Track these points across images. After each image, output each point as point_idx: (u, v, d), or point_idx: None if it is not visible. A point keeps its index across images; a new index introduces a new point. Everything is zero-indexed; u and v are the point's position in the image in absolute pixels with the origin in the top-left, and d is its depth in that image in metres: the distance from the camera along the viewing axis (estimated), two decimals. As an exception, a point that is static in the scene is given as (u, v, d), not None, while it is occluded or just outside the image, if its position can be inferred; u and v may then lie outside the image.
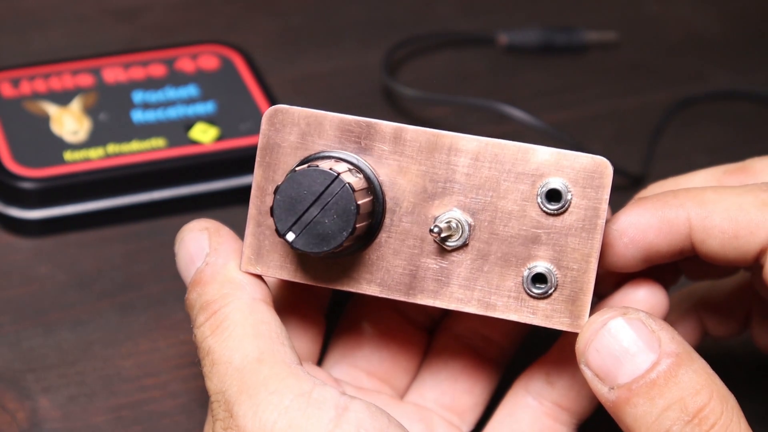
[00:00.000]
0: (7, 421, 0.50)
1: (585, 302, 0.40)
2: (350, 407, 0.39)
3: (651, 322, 0.39)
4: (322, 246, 0.39)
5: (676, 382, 0.38)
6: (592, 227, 0.40)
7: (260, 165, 0.42)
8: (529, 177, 0.40)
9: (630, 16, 0.77)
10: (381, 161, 0.41)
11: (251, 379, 0.40)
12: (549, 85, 0.71)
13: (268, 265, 0.42)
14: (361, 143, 0.41)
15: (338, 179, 0.39)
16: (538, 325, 0.41)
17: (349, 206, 0.38)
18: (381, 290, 0.41)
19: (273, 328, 0.41)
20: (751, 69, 0.73)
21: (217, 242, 0.43)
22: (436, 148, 0.41)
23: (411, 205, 0.41)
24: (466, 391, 0.47)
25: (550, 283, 0.40)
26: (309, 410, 0.39)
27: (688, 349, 0.39)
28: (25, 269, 0.57)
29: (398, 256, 0.41)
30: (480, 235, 0.41)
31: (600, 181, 0.40)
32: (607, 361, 0.39)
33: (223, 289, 0.42)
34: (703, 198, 0.42)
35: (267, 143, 0.41)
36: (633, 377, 0.38)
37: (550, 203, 0.40)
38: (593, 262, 0.40)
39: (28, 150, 0.60)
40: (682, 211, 0.42)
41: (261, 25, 0.74)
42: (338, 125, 0.41)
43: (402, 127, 0.41)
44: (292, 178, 0.39)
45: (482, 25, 0.75)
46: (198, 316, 0.42)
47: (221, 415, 0.40)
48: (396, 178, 0.41)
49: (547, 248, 0.40)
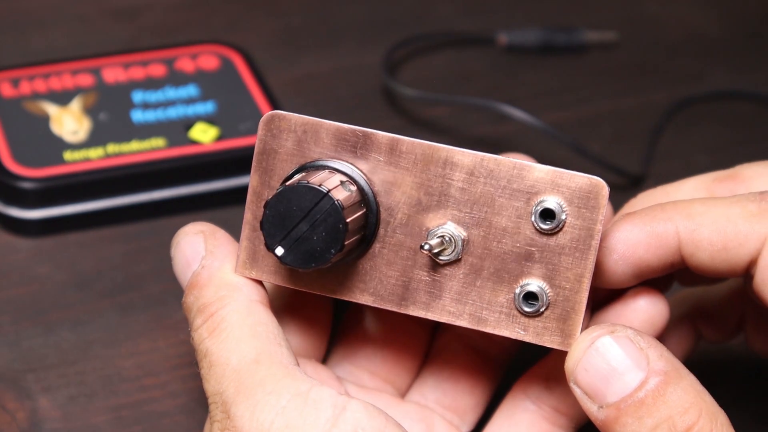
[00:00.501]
0: (7, 421, 0.50)
1: (576, 321, 0.40)
2: (348, 407, 0.39)
3: (639, 339, 0.39)
4: (310, 263, 0.39)
5: (665, 401, 0.38)
6: (586, 248, 0.40)
7: (257, 170, 0.42)
8: (524, 194, 0.40)
9: (630, 16, 0.77)
10: (376, 171, 0.41)
11: (248, 379, 0.40)
12: (549, 85, 0.71)
13: (263, 270, 0.42)
14: (356, 152, 0.41)
15: (327, 196, 0.38)
16: (529, 342, 0.41)
17: (338, 224, 0.38)
18: (374, 300, 0.41)
19: (270, 329, 0.41)
20: (751, 69, 0.73)
21: (213, 245, 0.43)
22: (432, 161, 0.40)
23: (405, 216, 0.41)
24: (467, 391, 0.47)
25: (542, 302, 0.40)
26: (306, 410, 0.39)
27: (677, 366, 0.39)
28: (25, 269, 0.57)
29: (391, 267, 0.41)
30: (473, 250, 0.40)
31: (595, 201, 0.39)
32: (596, 380, 0.39)
33: (219, 292, 0.42)
34: (690, 211, 0.42)
35: (263, 149, 0.41)
36: (621, 396, 0.38)
37: (544, 222, 0.40)
38: (586, 282, 0.40)
39: (28, 150, 0.60)
40: (670, 225, 0.42)
41: (261, 25, 0.74)
42: (334, 133, 0.41)
43: (398, 138, 0.41)
44: (282, 193, 0.39)
45: (482, 25, 0.75)
46: (195, 318, 0.42)
47: (219, 416, 0.40)
48: (391, 188, 0.41)
49: (540, 266, 0.40)
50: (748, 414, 0.51)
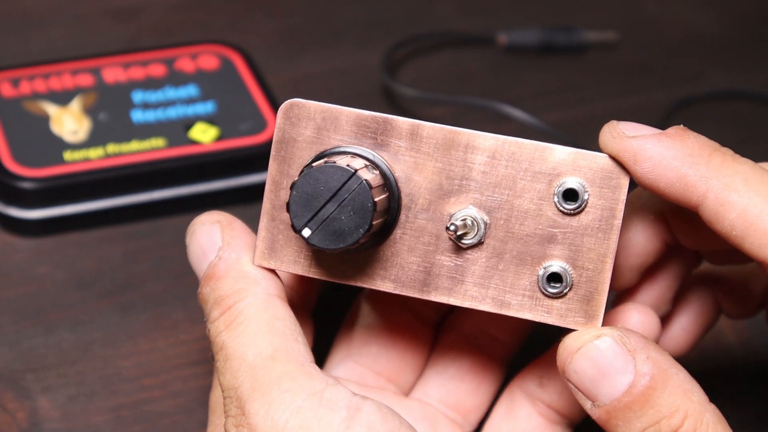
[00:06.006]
0: (7, 421, 0.50)
1: (600, 302, 0.40)
2: (362, 408, 0.39)
3: (627, 340, 0.39)
4: (338, 243, 0.38)
5: (651, 405, 0.38)
6: (609, 227, 0.40)
7: (275, 159, 0.41)
8: (545, 176, 0.40)
9: (630, 16, 0.77)
10: (397, 157, 0.41)
11: (264, 376, 0.40)
12: (549, 85, 0.71)
13: (282, 260, 0.42)
14: (377, 139, 0.41)
15: (355, 176, 0.38)
16: (553, 324, 0.41)
17: (366, 203, 0.38)
18: (395, 287, 0.41)
19: (287, 324, 0.41)
20: (751, 69, 0.73)
21: (230, 236, 0.43)
22: (453, 146, 0.40)
23: (427, 201, 0.41)
24: (472, 391, 0.47)
25: (565, 283, 0.40)
26: (321, 410, 0.39)
27: (665, 366, 0.39)
28: (25, 269, 0.57)
29: (413, 252, 0.41)
30: (496, 233, 0.40)
31: (617, 181, 0.40)
32: (586, 382, 0.39)
33: (237, 284, 0.42)
34: (733, 185, 0.40)
35: (282, 137, 0.41)
36: (610, 399, 0.38)
37: (566, 203, 0.40)
38: (609, 262, 0.40)
39: (28, 150, 0.60)
40: (703, 183, 0.40)
41: (261, 25, 0.74)
42: (354, 120, 0.41)
43: (419, 123, 0.41)
44: (309, 173, 0.38)
45: (482, 25, 0.75)
46: (212, 311, 0.42)
47: (233, 412, 0.40)
48: (412, 174, 0.41)
49: (562, 247, 0.40)
50: (748, 414, 0.51)
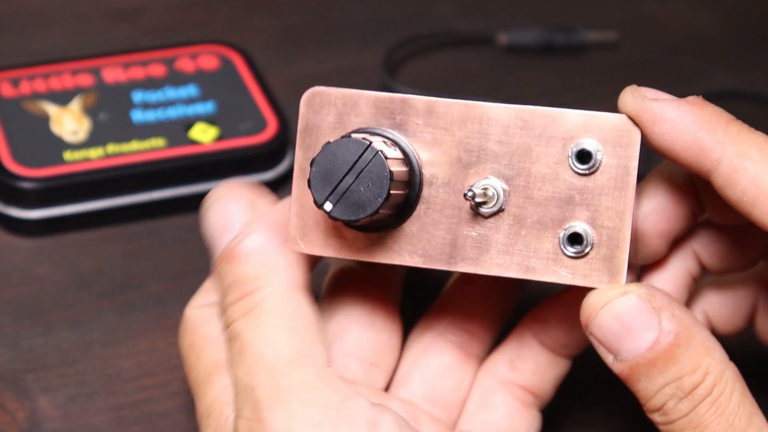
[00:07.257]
0: (7, 421, 0.50)
1: (622, 259, 0.41)
2: (381, 423, 0.39)
3: (652, 298, 0.39)
4: (359, 213, 0.39)
5: (675, 362, 0.38)
6: (624, 185, 0.41)
7: (300, 147, 0.42)
8: (559, 140, 0.41)
9: (630, 16, 0.77)
10: (416, 135, 0.42)
11: (283, 383, 0.39)
12: (549, 85, 0.71)
13: (313, 244, 0.42)
14: (396, 119, 0.42)
15: (370, 147, 0.39)
16: (578, 285, 0.41)
17: (383, 172, 0.39)
18: (424, 261, 0.42)
19: (308, 322, 0.41)
20: (751, 69, 0.73)
21: (255, 215, 0.43)
22: (469, 119, 0.42)
23: (447, 175, 0.42)
24: (455, 386, 0.47)
25: (587, 242, 0.41)
26: (341, 426, 0.39)
27: (689, 324, 0.39)
28: (25, 269, 0.57)
29: (438, 226, 0.42)
30: (515, 200, 0.41)
31: (629, 138, 0.41)
32: (610, 338, 0.39)
33: (258, 270, 0.41)
34: (748, 153, 0.40)
35: (306, 125, 0.42)
36: (633, 355, 0.39)
37: (581, 164, 0.41)
38: (627, 218, 0.41)
39: (28, 150, 0.60)
40: (718, 148, 0.40)
41: (261, 25, 0.74)
42: (374, 103, 0.42)
43: (434, 100, 0.42)
44: (327, 149, 0.40)
45: (482, 25, 0.75)
46: (229, 292, 0.41)
47: (247, 414, 0.40)
48: (431, 150, 0.42)
49: (581, 208, 0.41)
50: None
